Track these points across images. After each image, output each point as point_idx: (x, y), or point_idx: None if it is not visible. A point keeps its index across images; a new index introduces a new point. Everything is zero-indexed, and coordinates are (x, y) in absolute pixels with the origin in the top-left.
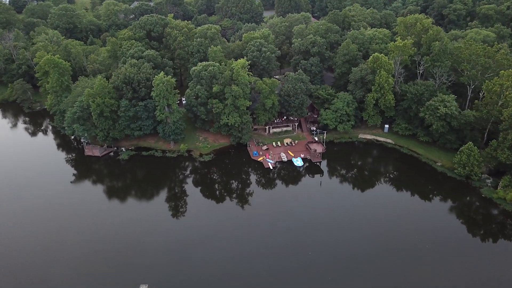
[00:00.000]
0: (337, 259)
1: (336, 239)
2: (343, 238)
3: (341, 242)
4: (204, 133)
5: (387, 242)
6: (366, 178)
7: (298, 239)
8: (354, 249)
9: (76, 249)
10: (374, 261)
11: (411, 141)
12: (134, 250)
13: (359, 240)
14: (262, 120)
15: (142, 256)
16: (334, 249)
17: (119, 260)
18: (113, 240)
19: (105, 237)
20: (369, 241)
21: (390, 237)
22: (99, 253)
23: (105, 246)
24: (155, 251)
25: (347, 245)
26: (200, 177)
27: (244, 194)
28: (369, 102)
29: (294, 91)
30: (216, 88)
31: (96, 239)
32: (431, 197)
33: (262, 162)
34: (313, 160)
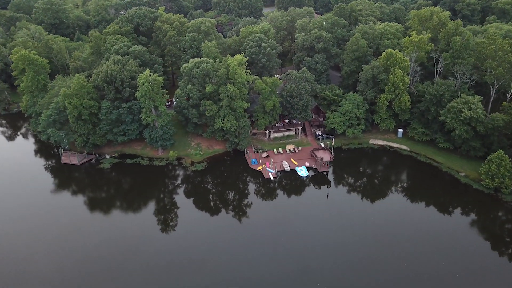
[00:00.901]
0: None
1: (348, 265)
2: (356, 264)
3: (354, 269)
4: (197, 139)
5: (410, 268)
6: (379, 191)
7: (304, 265)
8: (370, 277)
9: (45, 275)
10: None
11: (428, 148)
12: (113, 274)
13: (375, 265)
14: (261, 124)
15: (124, 282)
16: (347, 277)
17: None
18: (88, 263)
19: (78, 260)
20: (388, 267)
21: (413, 262)
22: (72, 281)
23: (79, 271)
24: (139, 275)
25: (361, 273)
26: (192, 189)
27: (241, 209)
28: (382, 103)
29: (297, 91)
30: (210, 88)
31: (68, 264)
32: (455, 213)
33: (261, 171)
34: (320, 170)
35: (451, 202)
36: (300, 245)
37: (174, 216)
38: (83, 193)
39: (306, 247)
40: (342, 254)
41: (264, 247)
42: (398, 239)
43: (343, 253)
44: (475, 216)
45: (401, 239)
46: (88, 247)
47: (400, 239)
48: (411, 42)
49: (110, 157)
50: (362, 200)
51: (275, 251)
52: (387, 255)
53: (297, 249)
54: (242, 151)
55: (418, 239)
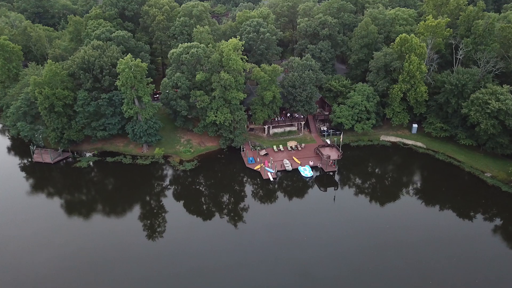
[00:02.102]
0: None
1: (358, 276)
2: (367, 275)
3: (364, 281)
4: (187, 135)
5: (433, 283)
6: (392, 193)
7: (308, 277)
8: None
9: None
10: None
11: (448, 145)
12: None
13: (391, 280)
14: (259, 117)
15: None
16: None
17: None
18: (62, 275)
19: (50, 273)
20: (406, 283)
21: (438, 278)
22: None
23: (53, 285)
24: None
25: (372, 285)
26: (181, 191)
27: (236, 214)
28: (395, 95)
29: (300, 80)
30: (201, 76)
31: (40, 275)
32: (482, 219)
33: (259, 171)
34: (325, 169)
35: (477, 207)
36: (303, 254)
37: (160, 222)
38: (56, 196)
39: (310, 257)
40: (350, 264)
41: (263, 256)
42: (416, 249)
43: (351, 263)
44: (506, 222)
45: (419, 249)
46: (62, 258)
47: (418, 249)
48: (427, 27)
49: (88, 155)
50: (373, 204)
51: (275, 261)
52: (403, 267)
53: (299, 259)
54: (237, 148)
55: (440, 250)
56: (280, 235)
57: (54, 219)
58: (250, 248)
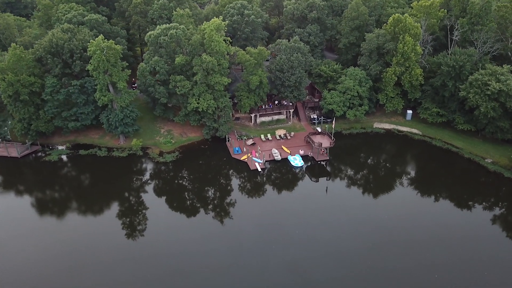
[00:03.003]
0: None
1: (355, 276)
2: (368, 275)
3: (363, 280)
4: (167, 125)
5: (441, 279)
6: (389, 183)
7: (301, 278)
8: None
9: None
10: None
11: (444, 131)
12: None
13: (393, 276)
14: (245, 105)
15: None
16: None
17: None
18: (32, 280)
19: (17, 280)
20: (409, 278)
21: (442, 271)
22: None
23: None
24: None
25: (372, 285)
26: (160, 185)
27: (222, 210)
28: (389, 79)
29: (289, 64)
30: (180, 59)
31: (6, 283)
32: (487, 207)
33: (246, 162)
34: (317, 158)
35: (480, 194)
36: (295, 252)
37: (140, 220)
38: (23, 194)
39: (304, 255)
40: (346, 262)
41: (252, 255)
42: (418, 242)
43: (347, 259)
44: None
45: (421, 242)
46: (32, 263)
47: (420, 242)
48: (420, 8)
49: (60, 149)
50: (368, 195)
51: (265, 260)
52: (405, 262)
53: (292, 256)
54: (222, 138)
55: (445, 242)
56: (269, 230)
57: (22, 219)
58: (238, 246)
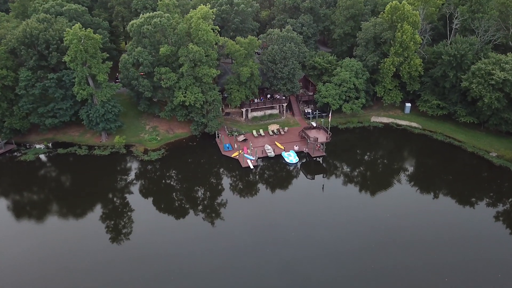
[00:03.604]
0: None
1: (356, 278)
2: (371, 278)
3: (366, 282)
4: (153, 121)
5: (449, 282)
6: (390, 180)
7: (298, 282)
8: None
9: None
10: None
11: (445, 124)
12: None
13: (397, 279)
14: (236, 99)
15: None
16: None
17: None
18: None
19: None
20: (415, 280)
21: (451, 273)
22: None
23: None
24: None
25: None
26: (144, 185)
27: (212, 210)
28: (387, 70)
29: (281, 54)
30: (165, 50)
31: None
32: (496, 203)
33: (238, 159)
34: (312, 155)
35: (486, 190)
36: (290, 254)
37: (126, 222)
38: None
39: (300, 257)
40: (345, 263)
41: (245, 258)
42: (424, 242)
43: (348, 262)
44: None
45: (427, 243)
46: (10, 271)
47: (425, 242)
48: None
49: (38, 148)
50: (367, 193)
51: (258, 263)
52: (410, 262)
53: (286, 259)
54: (212, 134)
55: (452, 242)
56: (263, 232)
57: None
58: (230, 248)
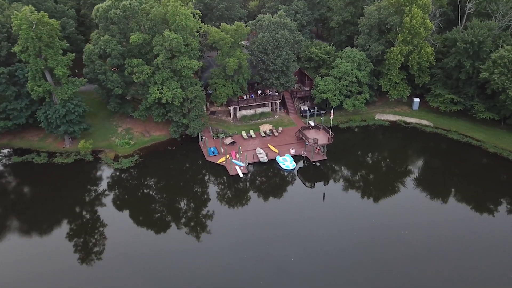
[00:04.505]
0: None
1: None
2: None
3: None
4: (126, 122)
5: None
6: (402, 187)
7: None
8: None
9: None
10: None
11: (459, 121)
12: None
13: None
14: (222, 95)
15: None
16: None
17: None
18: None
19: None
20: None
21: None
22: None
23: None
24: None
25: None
26: (112, 198)
27: (195, 227)
28: (394, 61)
29: (273, 43)
30: (137, 38)
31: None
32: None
33: (225, 165)
34: (312, 159)
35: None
36: (287, 283)
37: (97, 241)
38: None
39: (296, 281)
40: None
41: (234, 281)
42: (446, 260)
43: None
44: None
45: (450, 261)
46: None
47: (448, 261)
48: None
49: None
50: (377, 203)
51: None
52: (433, 281)
53: (283, 284)
54: (195, 137)
55: (476, 254)
56: (256, 252)
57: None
58: (215, 274)
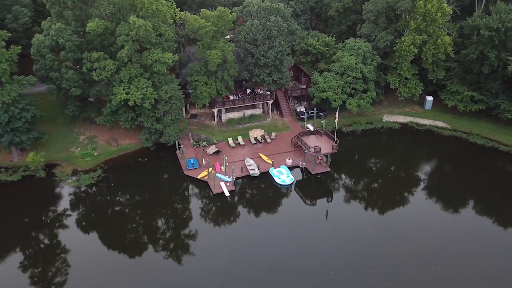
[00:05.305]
0: None
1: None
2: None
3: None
4: (90, 129)
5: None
6: (421, 204)
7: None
8: None
9: None
10: None
11: (482, 123)
12: None
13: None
14: (203, 95)
15: None
16: None
17: None
18: None
19: None
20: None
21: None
22: None
23: None
24: None
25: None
26: (71, 223)
27: (169, 261)
28: (405, 52)
29: (264, 32)
30: (95, 25)
31: None
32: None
33: (207, 181)
34: (313, 171)
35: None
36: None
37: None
38: None
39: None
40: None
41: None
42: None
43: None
44: None
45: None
46: None
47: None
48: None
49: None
50: (396, 228)
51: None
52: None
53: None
54: (171, 145)
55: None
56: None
57: None
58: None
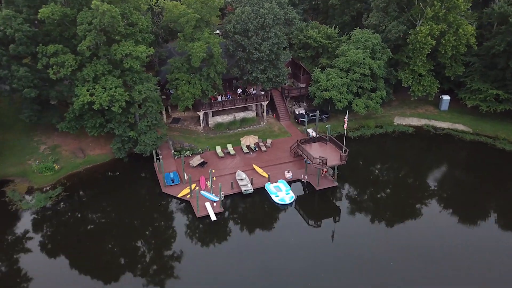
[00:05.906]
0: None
1: None
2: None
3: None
4: (53, 137)
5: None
6: (446, 225)
7: None
8: None
9: None
10: None
11: (509, 126)
12: None
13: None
14: (186, 96)
15: None
16: None
17: None
18: None
19: None
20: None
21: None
22: None
23: None
24: None
25: None
26: (25, 254)
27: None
28: (421, 45)
29: (258, 20)
30: (50, 11)
31: None
32: None
33: (189, 200)
34: (317, 186)
35: None
36: None
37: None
38: None
39: None
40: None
41: None
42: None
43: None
44: None
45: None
46: None
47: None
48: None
49: None
50: (410, 248)
51: None
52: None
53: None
54: (147, 156)
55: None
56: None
57: None
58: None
